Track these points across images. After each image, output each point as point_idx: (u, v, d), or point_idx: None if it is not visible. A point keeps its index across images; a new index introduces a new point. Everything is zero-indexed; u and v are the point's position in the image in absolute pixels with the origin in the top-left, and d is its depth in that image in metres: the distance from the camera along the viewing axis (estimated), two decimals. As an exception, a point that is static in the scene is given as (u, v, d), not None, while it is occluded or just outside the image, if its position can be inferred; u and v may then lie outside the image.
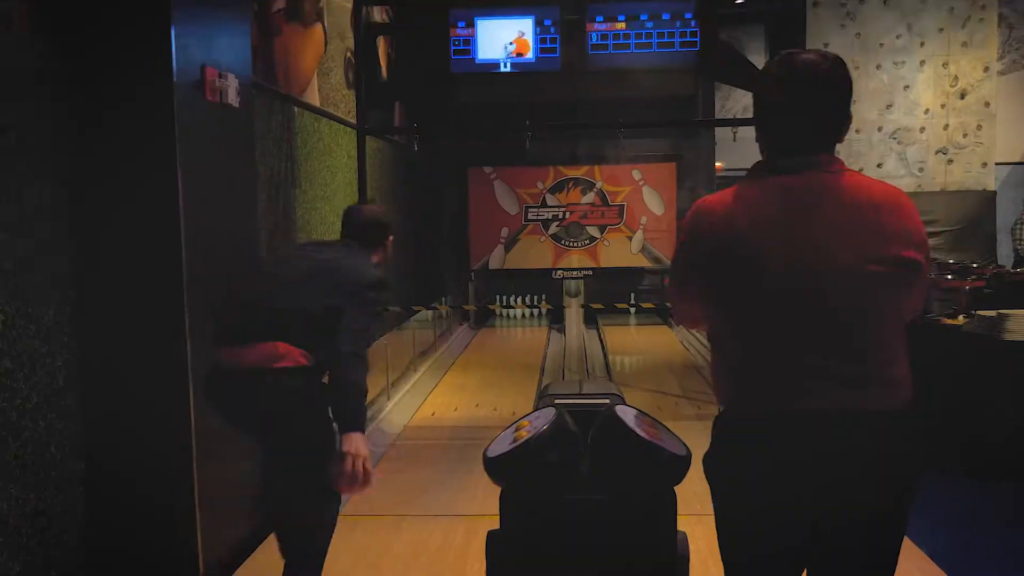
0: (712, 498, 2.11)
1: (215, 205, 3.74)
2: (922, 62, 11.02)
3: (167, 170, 3.40)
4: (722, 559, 2.15)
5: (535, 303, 12.36)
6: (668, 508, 2.35)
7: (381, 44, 8.35)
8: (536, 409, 2.58)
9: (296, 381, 2.94)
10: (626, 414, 2.36)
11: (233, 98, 3.84)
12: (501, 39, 7.00)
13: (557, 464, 2.31)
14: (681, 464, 2.32)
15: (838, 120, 2.06)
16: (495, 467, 2.35)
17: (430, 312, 9.41)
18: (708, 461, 2.10)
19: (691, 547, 3.87)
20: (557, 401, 2.62)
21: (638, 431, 2.29)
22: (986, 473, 5.08)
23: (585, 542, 2.32)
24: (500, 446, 2.37)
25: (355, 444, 2.90)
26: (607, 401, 2.59)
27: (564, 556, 2.33)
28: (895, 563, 2.03)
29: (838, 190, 1.99)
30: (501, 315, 12.73)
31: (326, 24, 6.54)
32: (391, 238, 3.50)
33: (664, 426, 2.48)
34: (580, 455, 2.39)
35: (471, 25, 6.92)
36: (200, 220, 3.55)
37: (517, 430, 2.40)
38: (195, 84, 3.57)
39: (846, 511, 1.95)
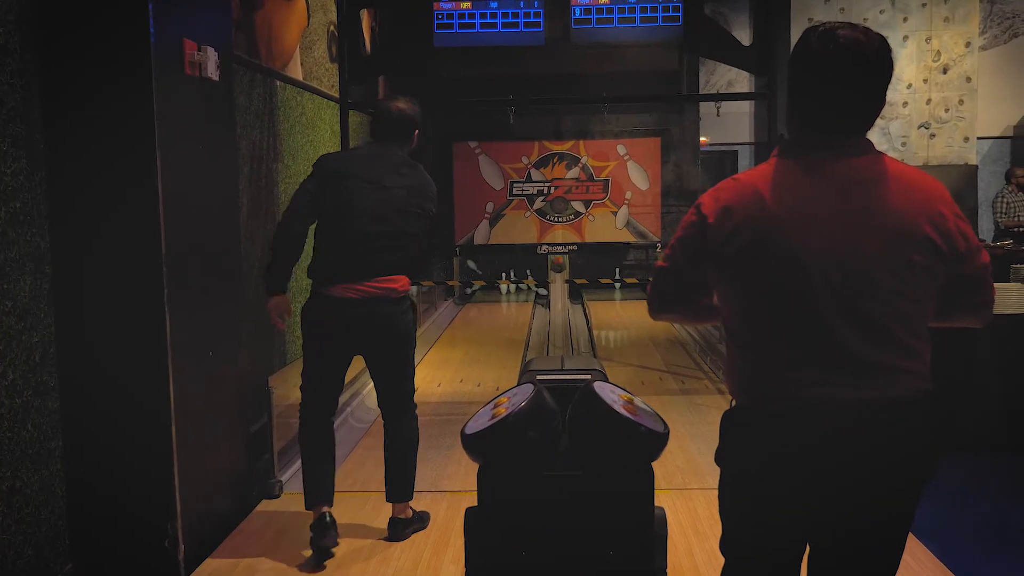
0: (727, 492, 2.07)
1: (194, 179, 3.70)
2: (905, 37, 11.00)
3: (145, 144, 3.36)
4: (725, 552, 2.12)
5: (520, 279, 12.35)
6: (645, 484, 2.36)
7: (365, 17, 8.27)
8: (518, 384, 2.58)
9: (407, 303, 3.83)
10: (604, 390, 2.36)
11: (212, 71, 3.80)
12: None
13: (535, 441, 2.32)
14: (658, 440, 2.33)
15: (878, 103, 1.96)
16: (473, 444, 2.35)
17: (414, 287, 9.39)
18: (726, 456, 2.05)
19: (673, 520, 3.92)
20: (539, 377, 2.62)
21: (615, 407, 2.29)
22: (967, 446, 5.12)
23: (563, 518, 2.33)
24: (478, 423, 2.37)
25: None
26: (587, 377, 2.59)
27: (542, 532, 2.34)
28: (901, 552, 2.02)
29: (876, 177, 1.92)
30: (486, 290, 12.72)
31: (308, -3, 6.47)
32: (417, 131, 3.91)
33: (643, 402, 2.48)
34: (558, 432, 2.39)
35: (454, -1, 6.87)
36: (179, 195, 3.52)
37: (495, 407, 2.40)
38: (173, 58, 3.53)
39: (869, 502, 1.94)
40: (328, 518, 3.66)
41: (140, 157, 3.37)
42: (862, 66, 1.91)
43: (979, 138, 11.57)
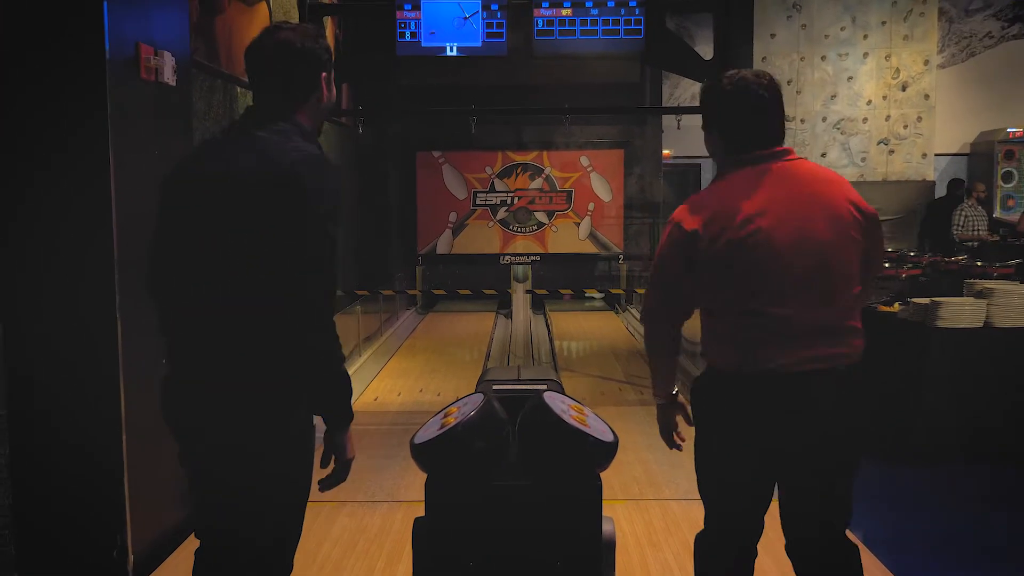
0: (703, 443, 2.48)
1: (149, 183, 3.65)
2: (865, 54, 11.17)
3: (98, 151, 3.32)
4: (702, 495, 2.52)
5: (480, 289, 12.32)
6: (594, 494, 2.36)
7: (328, 25, 8.25)
8: (471, 394, 2.58)
9: (290, 431, 2.34)
10: (554, 400, 2.36)
11: (169, 76, 3.77)
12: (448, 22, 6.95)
13: (483, 451, 2.31)
14: (607, 450, 2.33)
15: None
16: (422, 454, 2.35)
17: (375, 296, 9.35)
18: (704, 410, 2.46)
19: (628, 531, 3.93)
20: (493, 387, 2.62)
21: (564, 417, 2.29)
22: (918, 458, 5.18)
23: (511, 528, 2.33)
24: (428, 432, 2.36)
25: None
26: (542, 387, 2.60)
27: (490, 542, 2.33)
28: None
29: (802, 174, 2.36)
30: (448, 300, 12.68)
31: (271, 3, 6.44)
32: (325, 74, 2.32)
33: (594, 413, 2.49)
34: (508, 441, 2.39)
35: (417, 8, 6.86)
36: (133, 198, 3.48)
37: (445, 416, 2.40)
38: (129, 62, 3.50)
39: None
40: None
41: (93, 159, 3.33)
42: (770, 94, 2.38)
43: (937, 155, 11.76)
